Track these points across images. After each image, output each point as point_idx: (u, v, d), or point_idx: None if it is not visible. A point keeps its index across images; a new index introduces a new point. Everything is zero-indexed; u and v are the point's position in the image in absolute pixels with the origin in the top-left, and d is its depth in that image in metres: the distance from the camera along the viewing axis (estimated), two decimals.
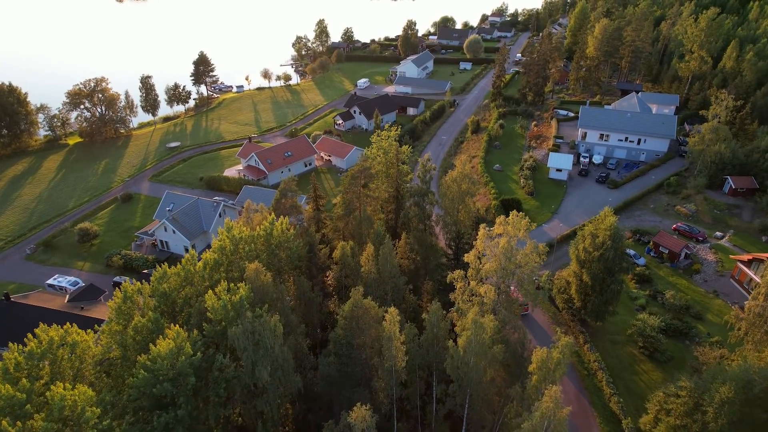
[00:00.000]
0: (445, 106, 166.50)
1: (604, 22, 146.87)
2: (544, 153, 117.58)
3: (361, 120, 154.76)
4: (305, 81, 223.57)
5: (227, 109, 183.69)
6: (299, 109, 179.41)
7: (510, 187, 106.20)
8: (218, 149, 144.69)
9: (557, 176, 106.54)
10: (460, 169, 67.01)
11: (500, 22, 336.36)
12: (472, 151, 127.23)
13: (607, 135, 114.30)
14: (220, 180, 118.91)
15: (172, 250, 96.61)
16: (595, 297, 61.34)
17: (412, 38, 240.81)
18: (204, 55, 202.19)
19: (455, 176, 66.28)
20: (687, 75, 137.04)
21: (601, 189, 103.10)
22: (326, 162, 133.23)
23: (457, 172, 66.83)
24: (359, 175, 66.59)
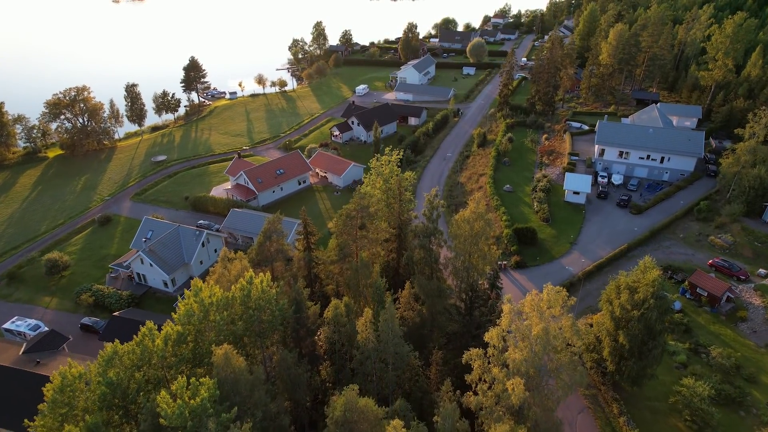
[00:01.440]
0: (449, 116, 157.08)
1: (619, 27, 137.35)
2: (558, 172, 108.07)
3: (360, 131, 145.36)
4: (301, 87, 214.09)
5: (219, 118, 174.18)
6: (294, 118, 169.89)
7: (522, 212, 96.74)
8: (207, 163, 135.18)
9: (574, 199, 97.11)
10: (474, 207, 57.54)
11: (503, 24, 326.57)
12: (479, 168, 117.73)
13: (627, 152, 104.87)
14: (206, 201, 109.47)
15: (150, 283, 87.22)
16: (633, 362, 51.99)
17: (413, 42, 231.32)
18: (195, 60, 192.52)
19: (467, 216, 56.79)
20: (710, 84, 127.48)
21: (623, 214, 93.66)
22: (322, 179, 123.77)
23: (470, 212, 57.37)
24: (355, 215, 57.14)
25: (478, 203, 57.68)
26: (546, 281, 79.27)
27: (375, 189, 75.59)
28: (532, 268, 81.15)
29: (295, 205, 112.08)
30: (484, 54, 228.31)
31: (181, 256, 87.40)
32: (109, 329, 71.33)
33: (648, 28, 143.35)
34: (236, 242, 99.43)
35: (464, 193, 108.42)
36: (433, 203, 59.99)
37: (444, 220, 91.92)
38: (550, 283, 45.99)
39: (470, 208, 58.45)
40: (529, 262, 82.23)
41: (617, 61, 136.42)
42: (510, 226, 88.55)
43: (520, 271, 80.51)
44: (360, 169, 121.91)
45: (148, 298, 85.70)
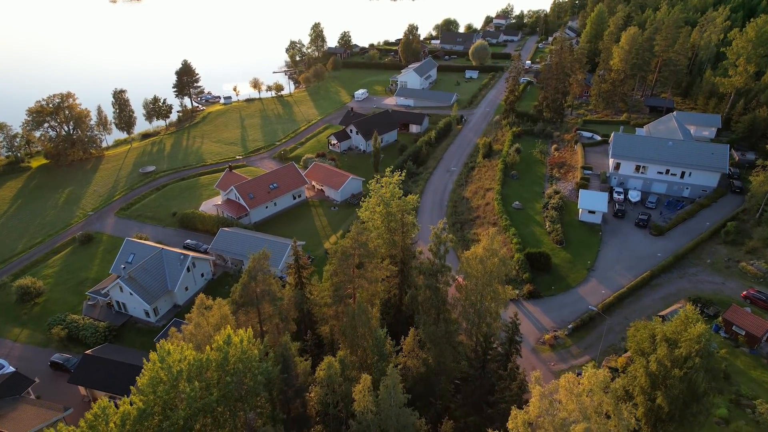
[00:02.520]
0: (452, 123, 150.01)
1: (632, 30, 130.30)
2: (570, 187, 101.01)
3: (358, 140, 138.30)
4: (298, 91, 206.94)
5: (212, 125, 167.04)
6: (290, 125, 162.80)
7: (533, 232, 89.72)
8: (197, 175, 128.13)
9: (590, 219, 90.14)
10: (487, 244, 50.52)
11: (506, 25, 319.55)
12: (485, 182, 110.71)
13: (645, 166, 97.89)
14: (195, 218, 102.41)
15: (130, 312, 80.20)
16: (673, 428, 45.04)
17: (414, 44, 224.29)
18: (188, 64, 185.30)
19: (480, 254, 49.75)
20: (729, 91, 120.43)
21: (643, 236, 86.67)
22: (318, 192, 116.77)
23: (483, 248, 50.34)
24: (352, 252, 50.09)
25: (492, 239, 50.65)
26: (562, 314, 73.02)
27: (375, 214, 68.72)
28: (547, 299, 74.23)
29: (290, 221, 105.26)
30: (487, 56, 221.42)
31: (165, 282, 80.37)
32: (80, 370, 64.45)
33: (662, 31, 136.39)
34: (225, 264, 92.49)
35: (470, 210, 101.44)
36: (440, 237, 52.94)
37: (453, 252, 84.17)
38: (592, 362, 38.87)
39: (482, 243, 51.47)
40: (543, 292, 75.31)
41: (630, 67, 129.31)
42: (521, 250, 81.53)
43: (534, 302, 73.59)
44: (359, 182, 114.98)
45: (128, 329, 78.70)
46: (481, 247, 50.65)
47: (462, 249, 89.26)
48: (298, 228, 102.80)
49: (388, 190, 68.72)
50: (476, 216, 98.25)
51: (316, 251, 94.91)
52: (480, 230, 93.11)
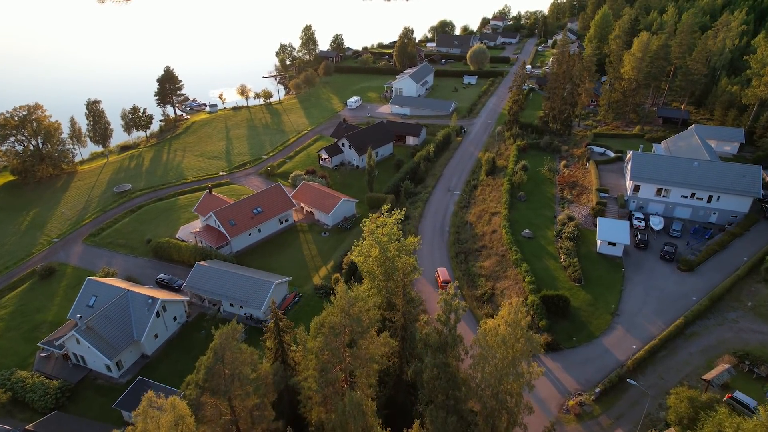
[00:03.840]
0: (451, 135, 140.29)
1: (645, 36, 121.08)
2: (585, 213, 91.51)
3: (351, 155, 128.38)
4: (288, 98, 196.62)
5: (195, 136, 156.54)
6: (279, 137, 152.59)
7: (547, 267, 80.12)
8: (176, 194, 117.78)
9: (609, 251, 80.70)
10: (510, 316, 40.80)
11: (503, 27, 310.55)
12: (491, 204, 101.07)
13: (668, 189, 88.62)
14: (170, 248, 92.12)
15: (90, 366, 69.99)
16: None
17: (410, 47, 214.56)
18: (170, 71, 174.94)
19: (503, 333, 39.98)
20: (753, 102, 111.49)
21: (670, 271, 77.25)
22: (307, 215, 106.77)
23: (504, 323, 40.60)
24: (341, 330, 40.19)
25: (516, 311, 40.86)
26: (586, 371, 62.90)
27: (369, 259, 58.99)
28: (568, 352, 64.69)
29: (275, 250, 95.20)
30: (485, 61, 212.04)
31: (130, 331, 70.20)
32: None
33: (676, 37, 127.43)
34: (202, 303, 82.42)
35: (474, 238, 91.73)
36: (450, 305, 43.14)
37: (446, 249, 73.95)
38: None
39: (503, 313, 41.74)
40: (563, 343, 65.78)
41: (644, 76, 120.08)
42: (536, 291, 71.90)
43: (553, 356, 64.02)
44: (351, 204, 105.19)
45: (87, 386, 68.50)
46: (503, 321, 40.91)
47: (467, 286, 79.80)
48: (284, 258, 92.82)
49: (386, 231, 58.98)
50: (482, 246, 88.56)
51: (304, 287, 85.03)
52: (487, 263, 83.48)
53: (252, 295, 76.97)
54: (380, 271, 58.19)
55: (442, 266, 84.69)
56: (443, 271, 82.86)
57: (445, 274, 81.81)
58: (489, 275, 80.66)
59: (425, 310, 74.08)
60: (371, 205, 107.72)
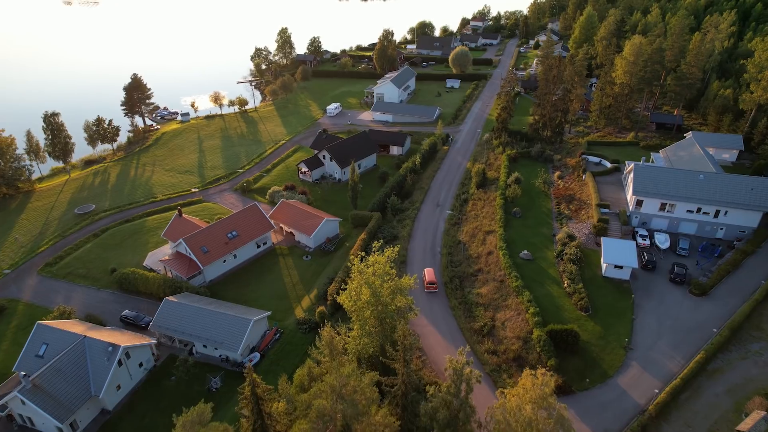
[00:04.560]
0: (437, 143, 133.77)
1: (637, 39, 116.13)
2: (586, 231, 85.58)
3: (333, 167, 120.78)
4: (264, 105, 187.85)
5: (166, 149, 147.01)
6: (255, 148, 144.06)
7: (550, 294, 73.89)
8: (145, 214, 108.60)
9: (616, 275, 74.89)
10: (534, 390, 33.93)
11: (483, 28, 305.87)
12: (484, 221, 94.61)
13: (672, 204, 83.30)
14: (136, 279, 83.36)
15: (38, 428, 61.18)
16: None
17: (390, 51, 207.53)
18: (138, 79, 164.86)
19: (529, 415, 33.10)
20: (751, 108, 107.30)
21: (682, 296, 71.69)
22: (287, 236, 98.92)
23: (530, 401, 33.74)
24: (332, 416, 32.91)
25: (542, 385, 33.94)
26: (604, 419, 54.44)
27: (359, 303, 51.79)
28: (581, 396, 58.37)
29: (253, 277, 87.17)
30: (468, 64, 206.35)
31: (87, 385, 61.67)
32: None
33: (667, 39, 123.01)
34: (172, 344, 74.10)
35: (469, 260, 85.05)
36: (461, 374, 36.20)
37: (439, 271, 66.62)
38: None
39: (527, 386, 34.85)
40: (575, 384, 59.45)
41: (638, 81, 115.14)
42: (541, 324, 65.51)
43: (565, 400, 57.32)
44: (335, 224, 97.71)
45: None
46: (528, 399, 34.05)
47: (465, 316, 73.06)
48: (263, 287, 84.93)
49: (377, 270, 51.85)
50: (478, 270, 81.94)
51: (286, 321, 77.33)
52: (485, 290, 76.85)
53: (228, 335, 69.09)
54: (372, 316, 51.04)
55: (433, 283, 78.27)
56: (430, 272, 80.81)
57: (432, 275, 79.82)
58: (488, 304, 74.07)
59: (421, 348, 67.07)
60: (356, 224, 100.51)
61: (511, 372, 62.43)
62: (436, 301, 76.76)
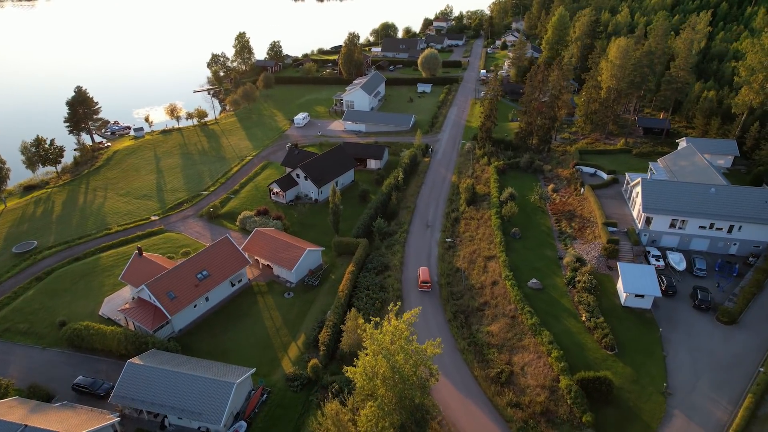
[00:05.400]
0: (417, 155, 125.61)
1: (622, 42, 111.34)
2: (595, 253, 79.03)
3: (308, 187, 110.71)
4: (225, 115, 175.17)
5: (119, 170, 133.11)
6: (219, 165, 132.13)
7: (569, 329, 66.73)
8: (99, 250, 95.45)
9: (637, 304, 68.55)
10: None
11: (447, 28, 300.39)
12: (482, 244, 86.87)
13: (684, 221, 77.90)
14: (92, 335, 71.10)
15: None
16: None
17: (356, 55, 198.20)
18: (83, 91, 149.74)
19: None
20: (742, 111, 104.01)
21: (711, 325, 65.93)
22: (264, 270, 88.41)
23: None
24: None
25: None
26: None
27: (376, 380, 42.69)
28: None
29: (229, 324, 76.41)
30: (438, 67, 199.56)
31: None
32: None
33: (649, 41, 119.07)
34: (139, 416, 62.79)
35: (472, 292, 77.06)
36: None
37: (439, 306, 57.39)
38: None
39: None
40: None
41: (627, 85, 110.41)
42: (568, 371, 58.05)
43: None
44: (317, 254, 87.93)
45: None
46: None
47: (477, 360, 64.93)
48: (241, 334, 74.33)
49: (395, 337, 42.90)
50: (484, 303, 74.06)
51: (273, 376, 67.19)
52: (495, 327, 69.02)
53: (207, 404, 58.53)
54: (392, 395, 42.10)
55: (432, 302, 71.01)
56: (425, 271, 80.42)
57: (426, 274, 79.51)
58: (501, 345, 66.26)
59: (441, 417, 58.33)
60: (340, 252, 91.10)
61: (541, 429, 54.71)
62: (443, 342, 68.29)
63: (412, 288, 79.94)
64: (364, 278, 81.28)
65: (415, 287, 79.87)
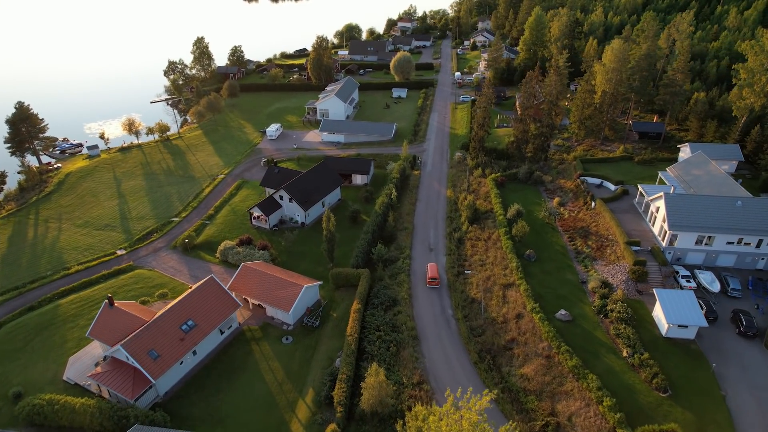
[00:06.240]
0: (406, 168, 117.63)
1: (617, 44, 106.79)
2: (623, 277, 73.10)
3: (293, 209, 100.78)
4: (189, 128, 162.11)
5: (73, 195, 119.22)
6: (188, 186, 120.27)
7: (611, 367, 60.30)
8: (57, 295, 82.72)
9: (679, 334, 62.88)
10: None
11: (412, 29, 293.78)
12: (496, 270, 79.68)
13: (711, 237, 73.17)
14: (56, 411, 59.40)
15: None
16: None
17: (325, 59, 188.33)
18: (25, 107, 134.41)
19: None
20: (743, 115, 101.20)
21: (761, 355, 60.81)
22: (255, 310, 78.37)
23: None
24: None
25: None
26: None
27: None
28: None
29: (223, 380, 66.27)
30: (411, 70, 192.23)
31: None
32: None
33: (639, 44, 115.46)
34: None
35: (494, 327, 69.63)
36: None
37: None
38: None
39: None
40: None
41: (626, 89, 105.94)
42: (625, 423, 51.33)
43: None
44: (315, 289, 78.62)
45: None
46: None
47: (515, 411, 57.47)
48: (238, 393, 64.31)
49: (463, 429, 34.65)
50: (511, 340, 66.82)
51: None
52: (529, 369, 61.86)
53: None
54: None
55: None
56: (433, 267, 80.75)
57: (435, 271, 79.81)
58: (539, 390, 59.10)
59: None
60: (338, 284, 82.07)
61: None
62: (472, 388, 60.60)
63: (428, 325, 71.91)
64: (372, 317, 72.60)
65: (432, 325, 71.85)
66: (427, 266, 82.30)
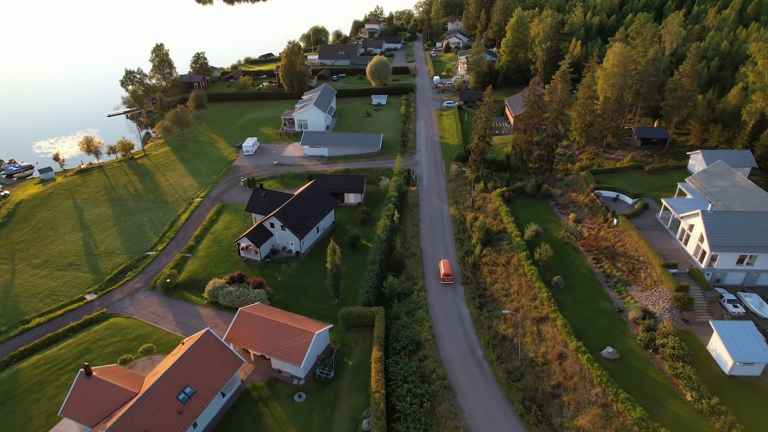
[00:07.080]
0: (402, 185, 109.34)
1: (619, 48, 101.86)
2: (665, 305, 67.08)
3: (286, 237, 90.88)
4: (154, 144, 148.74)
5: (27, 228, 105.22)
6: (162, 213, 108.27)
7: (678, 417, 53.93)
8: (16, 356, 70.49)
9: (744, 372, 57.28)
10: None
11: (381, 30, 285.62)
12: (523, 301, 72.51)
13: (753, 256, 68.33)
14: None
15: None
16: None
17: (298, 66, 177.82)
18: None
19: None
20: (752, 120, 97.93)
21: None
22: (257, 362, 68.45)
23: None
24: None
25: None
26: None
27: None
28: None
29: None
30: (389, 75, 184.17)
31: None
32: None
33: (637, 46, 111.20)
34: None
35: (534, 369, 62.32)
36: None
37: None
38: None
39: None
40: None
41: (634, 95, 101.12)
42: None
43: None
44: (325, 333, 69.39)
45: None
46: None
47: None
48: None
49: None
50: (557, 385, 59.67)
51: None
52: (584, 421, 54.70)
53: None
54: None
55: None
56: (446, 264, 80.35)
57: (448, 267, 79.40)
58: None
59: None
60: (348, 325, 73.05)
61: None
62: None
63: (460, 371, 63.91)
64: (396, 365, 64.00)
65: (464, 370, 63.93)
66: (440, 263, 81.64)
